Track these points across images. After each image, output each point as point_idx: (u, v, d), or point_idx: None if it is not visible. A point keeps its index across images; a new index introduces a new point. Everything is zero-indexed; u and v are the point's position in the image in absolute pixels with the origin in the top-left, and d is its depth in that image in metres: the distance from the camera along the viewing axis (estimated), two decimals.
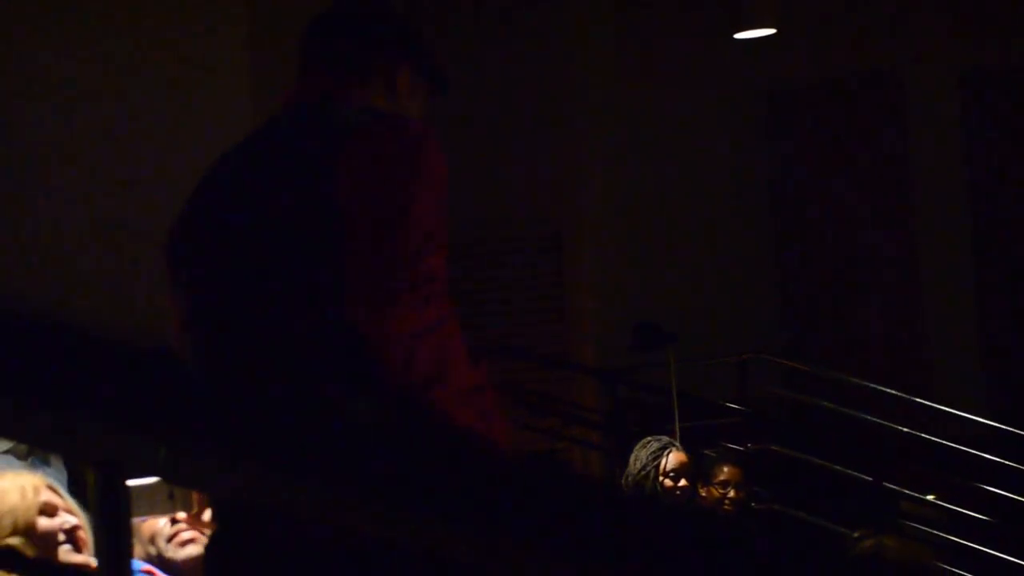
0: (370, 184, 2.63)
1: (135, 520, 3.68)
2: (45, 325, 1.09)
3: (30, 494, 3.18)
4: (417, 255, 2.61)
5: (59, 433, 1.15)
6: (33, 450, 5.22)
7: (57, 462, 5.26)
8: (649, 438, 7.42)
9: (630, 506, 1.14)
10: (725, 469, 7.67)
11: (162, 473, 1.21)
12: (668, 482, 7.22)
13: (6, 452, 5.39)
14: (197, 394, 1.13)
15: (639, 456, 7.31)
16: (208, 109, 8.16)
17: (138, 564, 3.55)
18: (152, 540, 3.68)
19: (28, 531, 3.14)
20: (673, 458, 7.23)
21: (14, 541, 3.11)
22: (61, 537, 3.19)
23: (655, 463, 7.24)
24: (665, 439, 7.40)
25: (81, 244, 8.19)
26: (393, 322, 2.58)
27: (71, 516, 3.23)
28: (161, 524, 3.65)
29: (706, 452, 8.10)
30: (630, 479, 7.24)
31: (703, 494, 7.62)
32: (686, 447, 7.58)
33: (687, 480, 7.22)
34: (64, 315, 1.10)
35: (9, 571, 1.48)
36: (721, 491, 7.60)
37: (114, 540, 1.19)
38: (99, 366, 1.10)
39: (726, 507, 7.59)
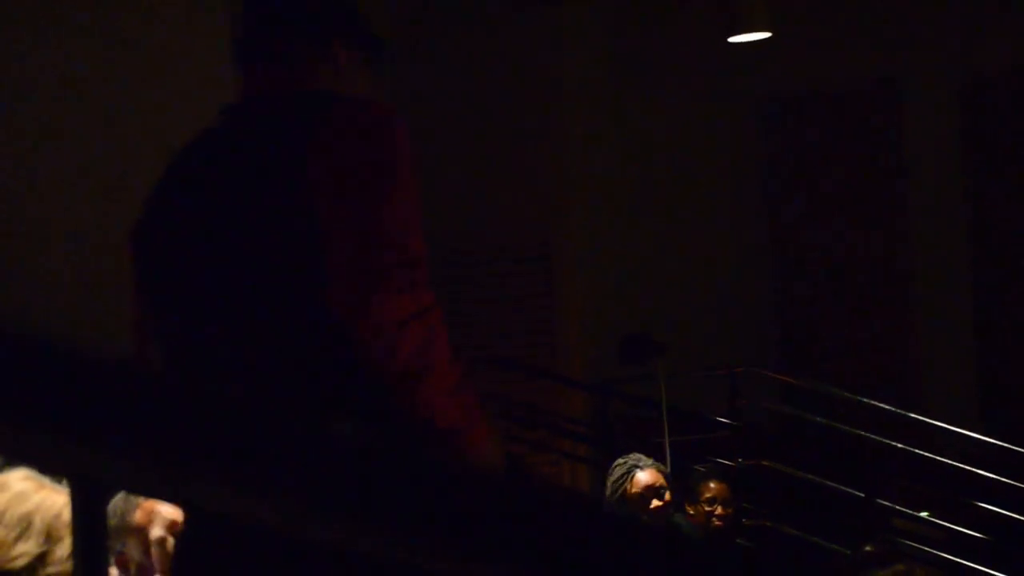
0: (344, 169, 2.57)
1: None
2: (20, 337, 1.06)
3: (64, 514, 2.84)
4: (402, 236, 2.56)
5: (34, 446, 1.13)
6: (5, 464, 5.13)
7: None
8: (618, 461, 6.92)
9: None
10: (712, 486, 7.55)
11: (141, 489, 1.17)
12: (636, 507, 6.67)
13: None
14: (181, 407, 1.08)
15: (607, 485, 6.87)
16: (186, 99, 8.02)
17: None
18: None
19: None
20: (641, 478, 6.76)
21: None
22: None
23: (618, 494, 6.72)
24: (631, 460, 6.86)
25: (64, 251, 8.11)
26: (379, 309, 2.52)
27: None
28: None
29: (696, 468, 7.99)
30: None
31: (691, 512, 7.48)
32: (674, 462, 7.42)
33: (659, 500, 6.75)
34: (41, 325, 1.05)
35: None
36: (708, 508, 7.49)
37: (91, 558, 1.15)
38: (76, 377, 1.07)
39: (715, 524, 7.47)
